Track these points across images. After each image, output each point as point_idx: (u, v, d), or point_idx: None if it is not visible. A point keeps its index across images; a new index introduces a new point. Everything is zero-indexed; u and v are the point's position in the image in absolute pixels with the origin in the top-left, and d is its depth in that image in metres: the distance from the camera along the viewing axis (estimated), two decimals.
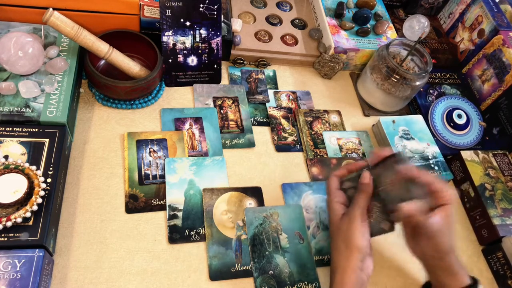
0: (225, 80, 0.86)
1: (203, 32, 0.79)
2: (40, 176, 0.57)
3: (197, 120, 0.78)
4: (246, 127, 0.80)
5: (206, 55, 0.81)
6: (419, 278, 0.70)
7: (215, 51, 0.81)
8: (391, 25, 0.98)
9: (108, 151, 0.71)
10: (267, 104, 0.85)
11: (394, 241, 0.73)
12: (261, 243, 0.66)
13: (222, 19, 0.85)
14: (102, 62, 0.77)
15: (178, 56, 0.79)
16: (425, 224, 0.56)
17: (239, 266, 0.64)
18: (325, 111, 0.87)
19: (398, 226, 0.62)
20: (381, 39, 0.95)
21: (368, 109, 0.91)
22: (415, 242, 0.60)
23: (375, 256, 0.70)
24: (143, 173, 0.69)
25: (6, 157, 0.58)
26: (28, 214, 0.54)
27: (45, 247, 0.54)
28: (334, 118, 0.87)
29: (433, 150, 0.82)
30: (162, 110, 0.78)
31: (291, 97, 0.88)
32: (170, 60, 0.79)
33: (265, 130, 0.82)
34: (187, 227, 0.66)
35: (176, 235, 0.65)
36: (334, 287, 0.56)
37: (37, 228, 0.54)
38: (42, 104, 0.65)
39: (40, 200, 0.55)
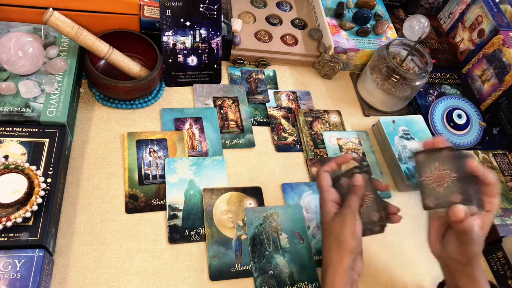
0: (225, 80, 0.86)
1: (203, 32, 0.79)
2: (40, 176, 0.57)
3: (197, 120, 0.78)
4: (246, 127, 0.80)
5: (206, 55, 0.81)
6: (419, 279, 0.70)
7: (215, 51, 0.81)
8: (391, 25, 0.98)
9: (108, 151, 0.71)
10: (267, 104, 0.85)
11: (394, 242, 0.73)
12: (261, 243, 0.66)
13: (222, 19, 0.85)
14: (102, 62, 0.77)
15: (178, 56, 0.79)
16: (470, 231, 0.53)
17: (239, 266, 0.64)
18: (325, 111, 0.87)
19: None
20: (381, 39, 0.95)
21: (368, 109, 0.91)
22: (443, 243, 0.57)
23: (376, 257, 0.71)
24: (143, 173, 0.69)
25: (6, 157, 0.58)
26: (28, 214, 0.54)
27: (45, 247, 0.54)
28: (334, 118, 0.87)
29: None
30: (162, 110, 0.78)
31: (291, 97, 0.88)
32: (170, 60, 0.79)
33: (265, 130, 0.82)
34: (187, 227, 0.66)
35: (176, 235, 0.65)
36: (326, 286, 0.56)
37: (37, 228, 0.54)
38: (42, 104, 0.65)
39: (40, 200, 0.55)
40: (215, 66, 0.83)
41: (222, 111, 0.81)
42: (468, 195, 0.53)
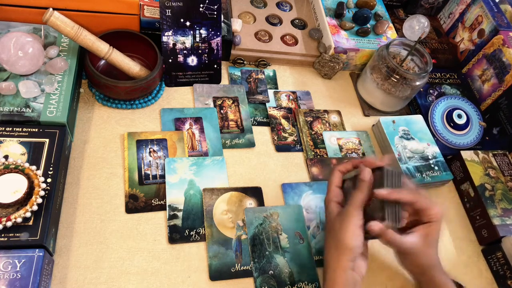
0: (225, 80, 0.86)
1: (203, 32, 0.79)
2: (40, 176, 0.57)
3: (197, 120, 0.78)
4: (246, 127, 0.80)
5: (206, 55, 0.81)
6: None
7: (215, 51, 0.81)
8: (391, 25, 0.98)
9: (108, 151, 0.71)
10: (267, 104, 0.85)
11: None
12: (261, 243, 0.66)
13: (222, 19, 0.85)
14: (102, 62, 0.77)
15: (178, 56, 0.79)
16: (395, 244, 0.57)
17: (239, 266, 0.64)
18: (325, 111, 0.87)
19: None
20: (381, 39, 0.95)
21: (368, 109, 0.91)
22: (398, 256, 0.61)
23: (376, 256, 0.71)
24: (143, 173, 0.69)
25: (6, 157, 0.58)
26: (28, 214, 0.54)
27: (45, 247, 0.54)
28: (334, 118, 0.87)
29: (433, 150, 0.82)
30: (162, 110, 0.78)
31: (291, 97, 0.88)
32: (170, 60, 0.79)
33: (265, 130, 0.82)
34: (187, 227, 0.66)
35: (176, 235, 0.65)
36: (326, 286, 0.56)
37: (37, 228, 0.54)
38: (42, 104, 0.65)
39: (40, 200, 0.55)
40: (215, 66, 0.83)
41: (222, 111, 0.81)
42: (382, 214, 0.57)
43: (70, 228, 0.62)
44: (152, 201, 0.67)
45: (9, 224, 0.53)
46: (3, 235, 0.53)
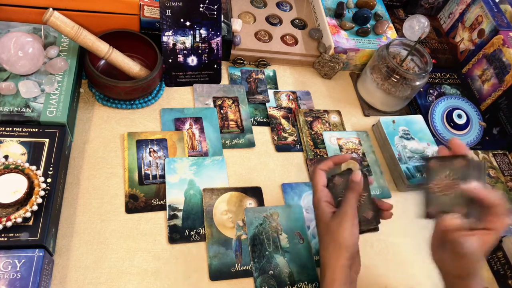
0: (225, 80, 0.86)
1: (203, 32, 0.79)
2: (40, 176, 0.57)
3: (197, 120, 0.78)
4: (246, 127, 0.80)
5: (206, 55, 0.81)
6: (419, 279, 0.70)
7: (215, 51, 0.81)
8: (391, 25, 0.98)
9: (108, 151, 0.71)
10: (267, 104, 0.85)
11: (394, 242, 0.73)
12: (261, 243, 0.66)
13: (222, 19, 0.85)
14: (102, 62, 0.77)
15: (178, 56, 0.79)
16: (458, 243, 0.53)
17: (239, 266, 0.64)
18: (325, 111, 0.87)
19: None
20: (381, 39, 0.95)
21: (368, 109, 0.91)
22: (441, 252, 0.56)
23: (376, 257, 0.71)
24: (143, 173, 0.69)
25: (6, 157, 0.58)
26: (28, 214, 0.54)
27: (45, 247, 0.54)
28: (334, 118, 0.87)
29: (433, 150, 0.82)
30: (162, 110, 0.78)
31: (291, 97, 0.88)
32: (170, 60, 0.79)
33: (265, 130, 0.82)
34: (187, 227, 0.66)
35: (176, 235, 0.65)
36: (325, 285, 0.56)
37: (37, 228, 0.54)
38: (42, 104, 0.65)
39: (40, 200, 0.55)
40: (215, 66, 0.83)
41: (222, 111, 0.81)
42: (467, 209, 0.53)
43: (70, 228, 0.62)
44: (152, 201, 0.67)
45: (9, 224, 0.53)
46: (3, 235, 0.53)
